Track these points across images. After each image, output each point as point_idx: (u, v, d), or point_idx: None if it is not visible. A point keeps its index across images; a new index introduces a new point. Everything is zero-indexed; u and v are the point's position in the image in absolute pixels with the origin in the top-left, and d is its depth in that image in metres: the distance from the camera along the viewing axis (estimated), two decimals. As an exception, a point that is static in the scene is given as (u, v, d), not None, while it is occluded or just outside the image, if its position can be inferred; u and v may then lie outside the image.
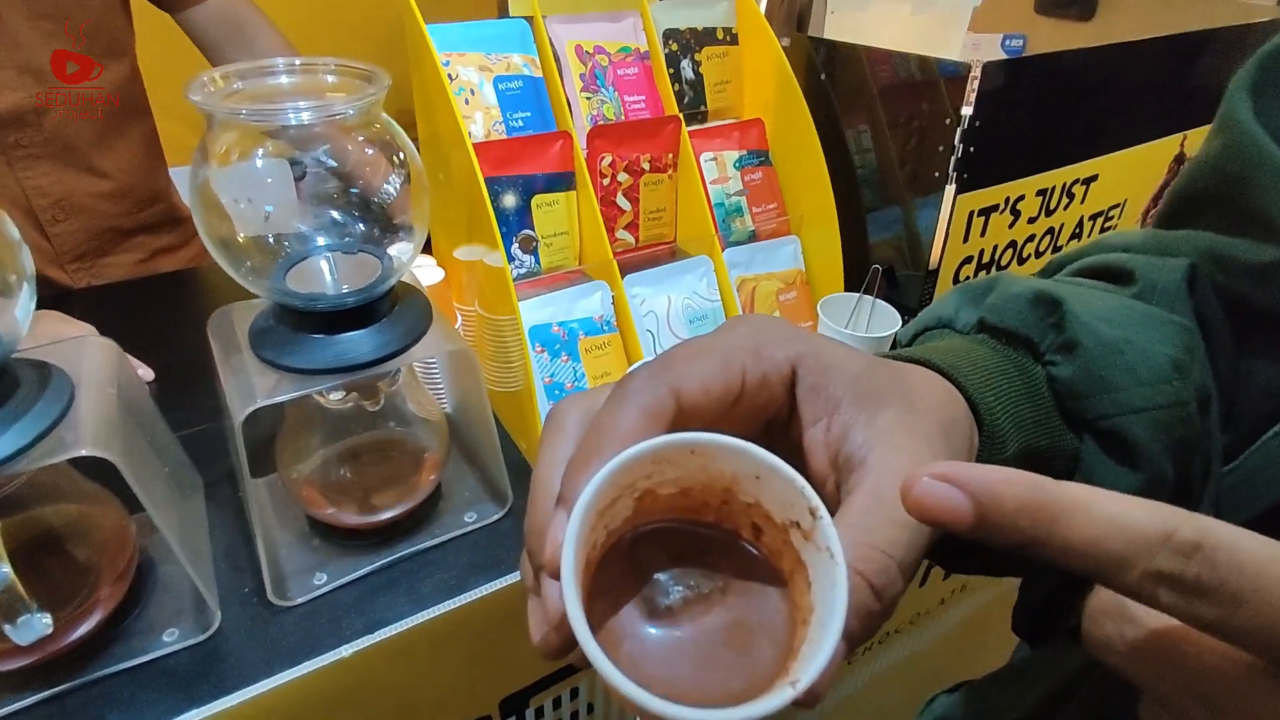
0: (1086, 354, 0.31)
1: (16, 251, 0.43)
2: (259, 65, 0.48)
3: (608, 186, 0.75)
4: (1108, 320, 0.32)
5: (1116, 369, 0.30)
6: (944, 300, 0.37)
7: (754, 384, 0.25)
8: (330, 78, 0.49)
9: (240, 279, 0.50)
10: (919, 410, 0.25)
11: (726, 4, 0.82)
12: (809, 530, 0.21)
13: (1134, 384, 0.30)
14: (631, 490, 0.23)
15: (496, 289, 0.65)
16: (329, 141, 0.47)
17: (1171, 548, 0.16)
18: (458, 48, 0.68)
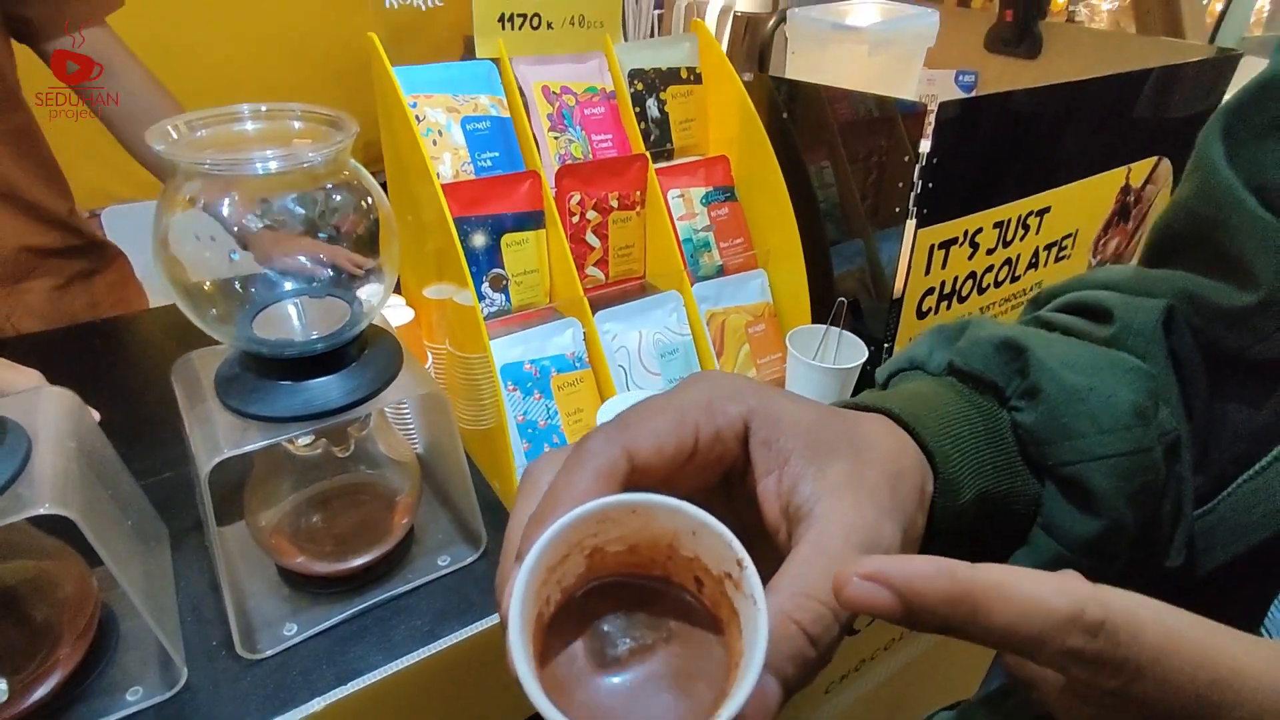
0: (1049, 400, 0.32)
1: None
2: (225, 112, 0.48)
3: (577, 224, 0.75)
4: (1072, 367, 0.32)
5: (1078, 416, 0.31)
6: (919, 342, 0.39)
7: (707, 440, 0.26)
8: (297, 124, 0.49)
9: (205, 326, 0.49)
10: (867, 462, 0.26)
11: (690, 44, 0.84)
12: (738, 580, 0.22)
13: (1095, 431, 0.31)
14: (580, 548, 0.24)
15: (467, 328, 0.65)
16: (296, 189, 0.47)
17: (1079, 627, 0.17)
18: (425, 89, 0.69)
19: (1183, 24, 1.25)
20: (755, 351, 0.83)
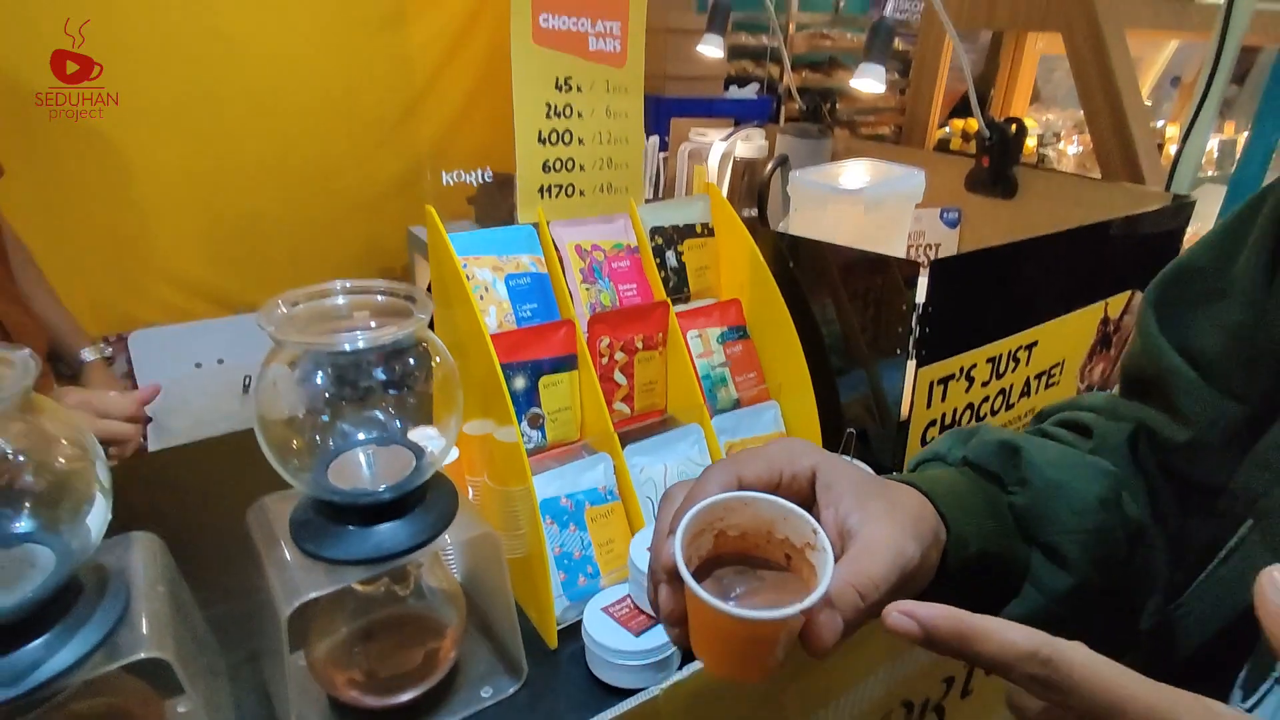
0: (1035, 489, 0.43)
1: (94, 465, 0.48)
2: (320, 289, 0.55)
3: (606, 364, 0.83)
4: (1054, 465, 0.44)
5: (1056, 501, 0.43)
6: (940, 440, 0.50)
7: (788, 479, 0.39)
8: (380, 298, 0.56)
9: (287, 474, 0.55)
10: (897, 505, 0.38)
11: (703, 203, 0.94)
12: (814, 544, 0.35)
13: (1068, 514, 0.42)
14: (710, 528, 0.37)
15: (510, 463, 0.71)
16: (379, 357, 0.54)
17: (1036, 659, 0.27)
18: (474, 251, 0.77)
19: (1141, 167, 1.38)
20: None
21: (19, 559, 0.46)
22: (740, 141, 1.60)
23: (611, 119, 0.83)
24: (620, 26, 0.80)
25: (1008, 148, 1.31)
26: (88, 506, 0.47)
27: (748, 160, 1.65)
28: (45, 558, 0.46)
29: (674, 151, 1.77)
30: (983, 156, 1.35)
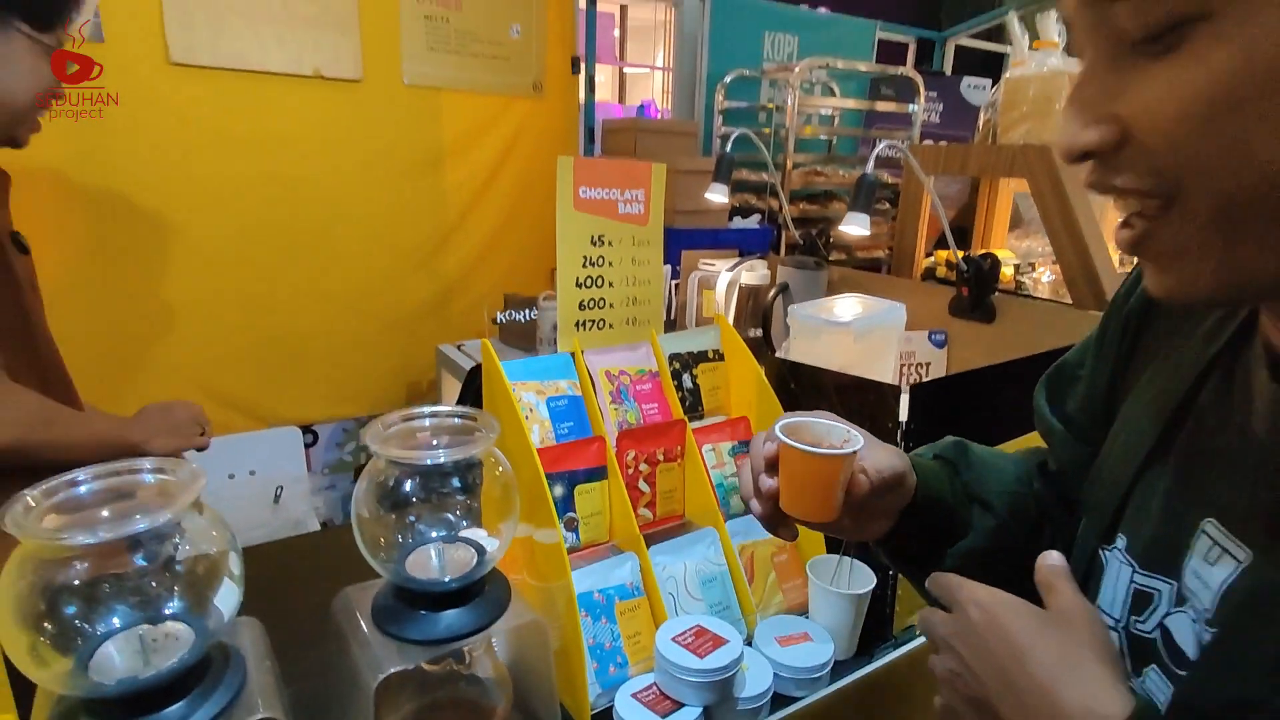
0: (975, 469, 0.65)
1: (229, 556, 0.59)
2: (409, 413, 0.68)
3: (631, 474, 0.94)
4: (989, 455, 0.67)
5: (988, 474, 0.64)
6: (923, 449, 0.69)
7: None
8: (457, 420, 0.69)
9: (374, 563, 0.66)
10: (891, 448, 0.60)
11: (714, 332, 1.09)
12: (848, 438, 0.57)
13: (995, 481, 0.63)
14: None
15: (552, 561, 0.81)
16: (454, 472, 0.66)
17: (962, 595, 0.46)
18: (521, 378, 0.91)
19: (1105, 294, 1.53)
20: (781, 578, 0.97)
21: (168, 635, 0.57)
22: (745, 271, 1.78)
23: (636, 265, 0.99)
24: (644, 193, 0.97)
25: (984, 279, 1.47)
26: (222, 592, 0.59)
27: (752, 287, 1.82)
28: (187, 634, 0.57)
29: (685, 279, 1.95)
30: (962, 287, 1.51)
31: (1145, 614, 0.48)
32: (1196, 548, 0.44)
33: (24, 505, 0.50)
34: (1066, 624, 0.44)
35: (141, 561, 0.53)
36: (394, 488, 0.66)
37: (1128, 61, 0.37)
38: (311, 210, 2.24)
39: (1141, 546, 0.49)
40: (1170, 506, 0.48)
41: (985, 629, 0.45)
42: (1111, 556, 0.51)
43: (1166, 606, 0.46)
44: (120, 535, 0.51)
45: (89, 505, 0.53)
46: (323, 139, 2.20)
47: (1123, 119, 0.37)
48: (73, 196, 1.88)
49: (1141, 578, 0.48)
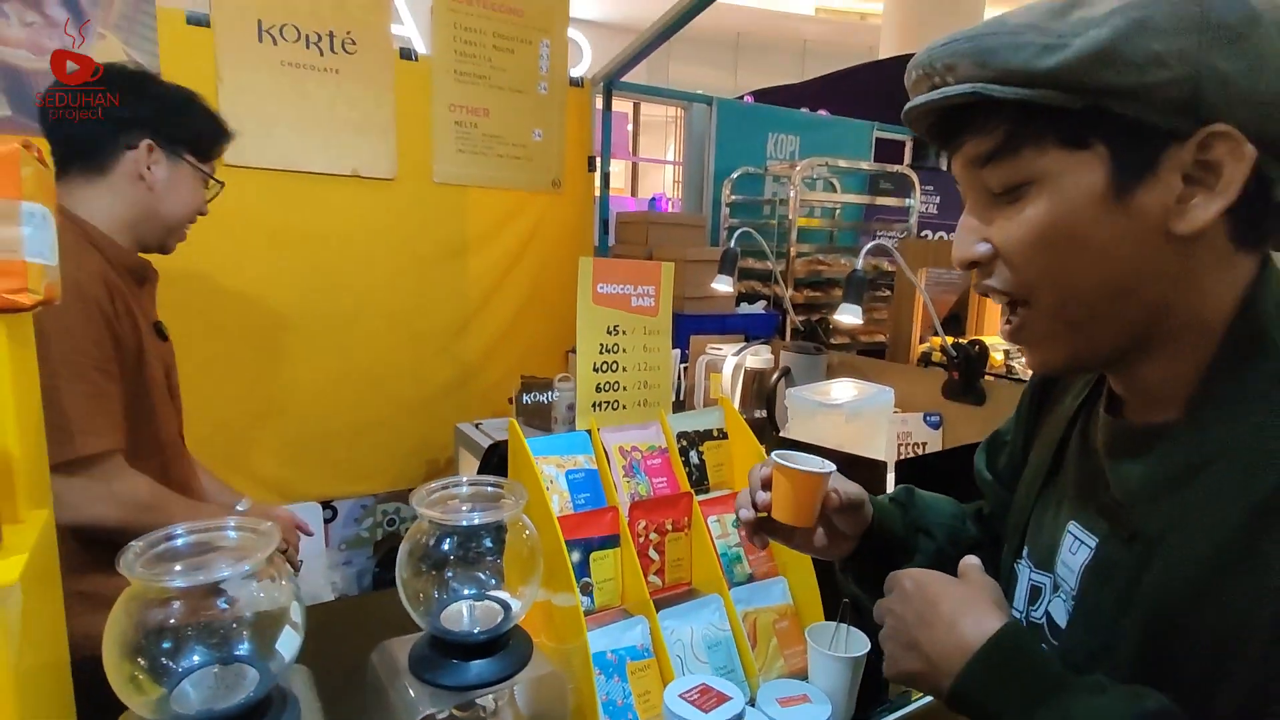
0: (920, 506, 0.81)
1: (293, 604, 0.68)
2: (449, 482, 0.78)
3: (642, 543, 1.02)
4: (931, 497, 0.83)
5: (930, 510, 0.81)
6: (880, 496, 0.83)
7: None
8: (490, 488, 0.79)
9: (415, 616, 0.75)
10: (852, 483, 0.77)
11: (718, 412, 1.19)
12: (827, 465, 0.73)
13: (936, 515, 0.80)
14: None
15: (569, 623, 0.89)
16: (488, 530, 0.75)
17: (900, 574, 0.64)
18: (544, 453, 1.01)
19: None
20: (782, 644, 1.03)
21: (236, 675, 0.65)
22: (749, 355, 1.89)
23: (647, 352, 1.10)
24: (655, 289, 1.09)
25: (973, 364, 1.57)
26: (284, 638, 0.67)
27: (756, 370, 1.93)
28: (252, 676, 0.65)
29: (693, 363, 2.06)
30: (953, 371, 1.61)
31: (1037, 604, 0.64)
32: (1064, 545, 0.61)
33: (133, 553, 0.59)
34: (968, 583, 0.61)
35: (222, 605, 0.62)
36: (434, 546, 0.75)
37: (994, 204, 0.54)
38: (342, 298, 2.39)
39: (1036, 553, 0.66)
40: (1050, 518, 0.63)
41: (912, 590, 0.61)
42: (1020, 567, 0.67)
43: (1049, 595, 0.62)
44: (207, 580, 0.60)
45: (184, 556, 0.62)
46: (356, 233, 2.38)
47: (993, 242, 0.54)
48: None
49: (1035, 576, 0.65)
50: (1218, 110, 0.45)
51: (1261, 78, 0.45)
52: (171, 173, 1.18)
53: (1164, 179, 0.47)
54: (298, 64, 2.20)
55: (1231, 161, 0.46)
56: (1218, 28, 0.44)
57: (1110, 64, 0.45)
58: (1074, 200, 0.49)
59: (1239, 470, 0.48)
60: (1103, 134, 0.48)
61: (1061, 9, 0.48)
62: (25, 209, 0.58)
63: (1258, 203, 0.48)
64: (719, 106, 3.43)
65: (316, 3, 2.20)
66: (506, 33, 2.57)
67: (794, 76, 7.45)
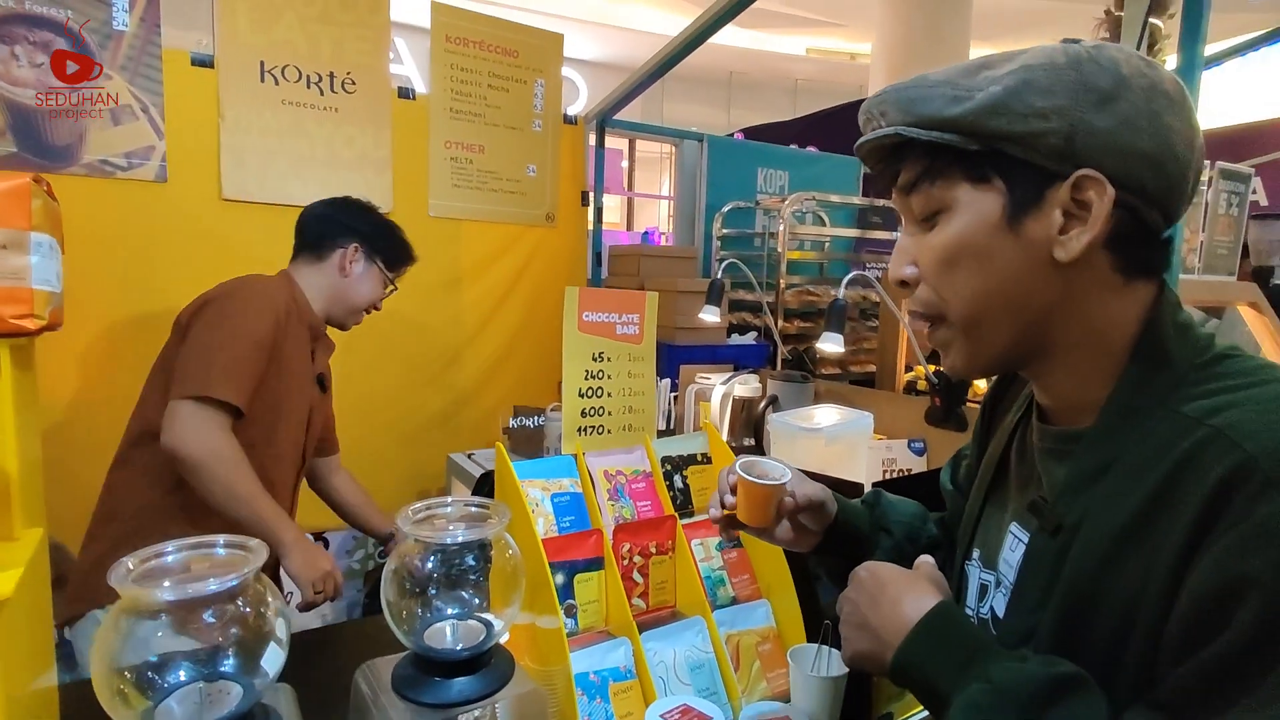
0: (883, 506, 0.88)
1: (278, 621, 0.69)
2: (436, 502, 0.80)
3: (626, 565, 1.04)
4: (896, 499, 0.90)
5: (892, 510, 0.88)
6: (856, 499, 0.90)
7: None
8: (474, 508, 0.81)
9: (399, 634, 0.76)
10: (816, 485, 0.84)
11: (702, 437, 1.21)
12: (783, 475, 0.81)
13: (896, 515, 0.87)
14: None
15: (552, 645, 0.90)
16: (472, 548, 0.77)
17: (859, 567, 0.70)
18: (529, 476, 1.03)
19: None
20: (765, 666, 1.05)
21: (220, 691, 0.67)
22: (738, 384, 1.92)
23: (631, 378, 1.13)
24: (639, 317, 1.12)
25: (954, 391, 1.60)
26: (269, 655, 0.68)
27: (745, 398, 1.96)
28: (236, 691, 0.67)
29: (683, 392, 2.09)
30: (935, 398, 1.64)
31: (985, 600, 0.71)
32: (1006, 544, 0.68)
33: (124, 568, 0.61)
34: (916, 572, 0.68)
35: (209, 619, 0.64)
36: (419, 565, 0.77)
37: (919, 231, 0.63)
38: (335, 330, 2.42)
39: (985, 554, 0.72)
40: (996, 521, 0.70)
41: (865, 577, 0.68)
42: (970, 567, 0.74)
43: (993, 592, 0.69)
44: (196, 594, 0.62)
45: (174, 571, 0.64)
46: (353, 265, 2.42)
47: (918, 264, 0.63)
48: (128, 318, 2.07)
49: (983, 575, 0.72)
50: (1089, 157, 0.54)
51: (1128, 133, 0.54)
52: (365, 271, 1.59)
53: (1048, 213, 0.56)
54: (298, 103, 2.26)
55: (1098, 200, 0.55)
56: (1090, 90, 0.54)
57: (1002, 114, 0.55)
58: (976, 227, 0.58)
59: (1136, 466, 0.55)
60: (1000, 172, 0.57)
61: (974, 68, 0.58)
62: (34, 239, 0.62)
63: (1136, 238, 0.57)
64: (710, 143, 3.50)
65: (317, 45, 2.27)
66: (502, 73, 2.65)
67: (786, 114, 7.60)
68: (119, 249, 2.05)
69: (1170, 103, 0.55)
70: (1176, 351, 0.57)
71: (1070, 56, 0.55)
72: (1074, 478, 0.60)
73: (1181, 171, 0.56)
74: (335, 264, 1.57)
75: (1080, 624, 0.56)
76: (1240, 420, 0.50)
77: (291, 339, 1.45)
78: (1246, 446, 0.48)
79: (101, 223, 2.01)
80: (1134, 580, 0.53)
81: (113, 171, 2.01)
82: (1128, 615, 0.53)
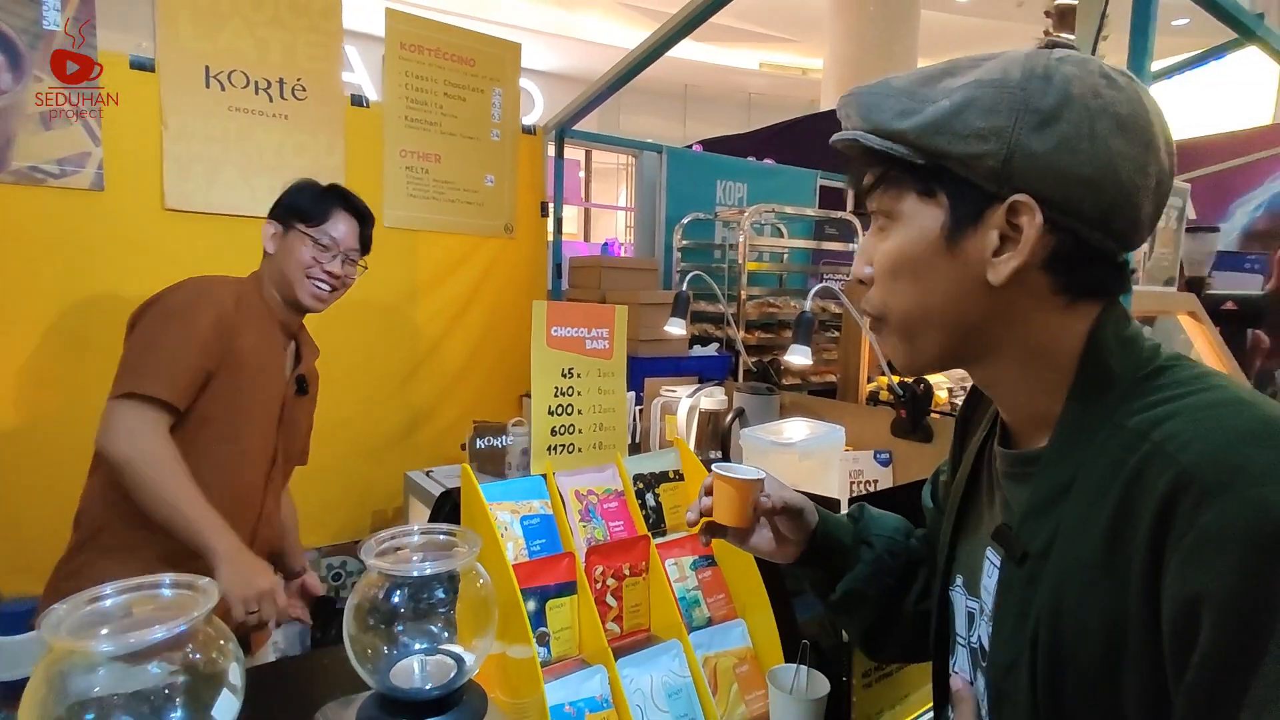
0: (866, 520, 0.84)
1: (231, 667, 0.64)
2: (399, 530, 0.76)
3: (599, 589, 1.01)
4: (879, 513, 0.86)
5: (874, 523, 0.84)
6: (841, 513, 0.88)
7: None
8: (442, 536, 0.77)
9: (364, 674, 0.71)
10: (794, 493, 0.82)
11: (673, 454, 1.18)
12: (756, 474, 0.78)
13: (879, 528, 0.83)
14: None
15: (524, 676, 0.86)
16: (441, 580, 0.73)
17: None
18: (497, 499, 0.99)
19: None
20: (743, 689, 1.02)
21: (167, 744, 0.61)
22: (704, 397, 1.91)
23: (602, 395, 1.10)
24: (609, 332, 1.09)
25: (919, 402, 1.61)
26: (222, 703, 0.63)
27: (711, 411, 1.94)
28: (185, 743, 0.61)
29: (648, 405, 2.06)
30: (900, 409, 1.64)
31: (973, 629, 0.68)
32: (984, 569, 0.65)
33: (57, 615, 0.55)
34: None
35: (154, 670, 0.59)
36: (384, 599, 0.72)
37: (876, 235, 0.62)
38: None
39: (966, 580, 0.69)
40: (973, 545, 0.69)
41: None
42: (955, 593, 0.72)
43: (979, 619, 0.66)
44: (140, 644, 0.56)
45: (114, 617, 0.59)
46: (304, 276, 2.34)
47: (872, 265, 0.63)
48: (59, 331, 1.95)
49: (969, 602, 0.69)
50: (1025, 181, 0.54)
51: (1065, 156, 0.53)
52: (285, 238, 1.47)
53: (984, 234, 0.56)
54: (246, 109, 2.18)
55: (1028, 227, 0.54)
56: (1032, 111, 0.53)
57: (943, 133, 0.55)
58: (916, 240, 0.58)
59: (1094, 488, 0.54)
60: (944, 187, 0.57)
61: (938, 75, 0.58)
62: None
63: (1078, 260, 0.56)
64: (669, 154, 3.50)
65: (265, 50, 2.19)
66: (458, 81, 2.60)
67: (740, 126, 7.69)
68: (54, 259, 1.94)
69: (1118, 126, 0.53)
70: (1119, 365, 0.57)
71: (1025, 71, 0.54)
72: (1034, 502, 0.58)
73: (1126, 196, 0.54)
74: (266, 250, 1.51)
75: (1065, 652, 0.55)
76: (1176, 432, 0.50)
77: (250, 334, 1.38)
78: (1182, 459, 0.48)
79: (32, 232, 1.90)
80: (1114, 605, 0.51)
81: (44, 179, 1.90)
82: (1114, 640, 0.52)
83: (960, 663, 0.71)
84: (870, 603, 0.80)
